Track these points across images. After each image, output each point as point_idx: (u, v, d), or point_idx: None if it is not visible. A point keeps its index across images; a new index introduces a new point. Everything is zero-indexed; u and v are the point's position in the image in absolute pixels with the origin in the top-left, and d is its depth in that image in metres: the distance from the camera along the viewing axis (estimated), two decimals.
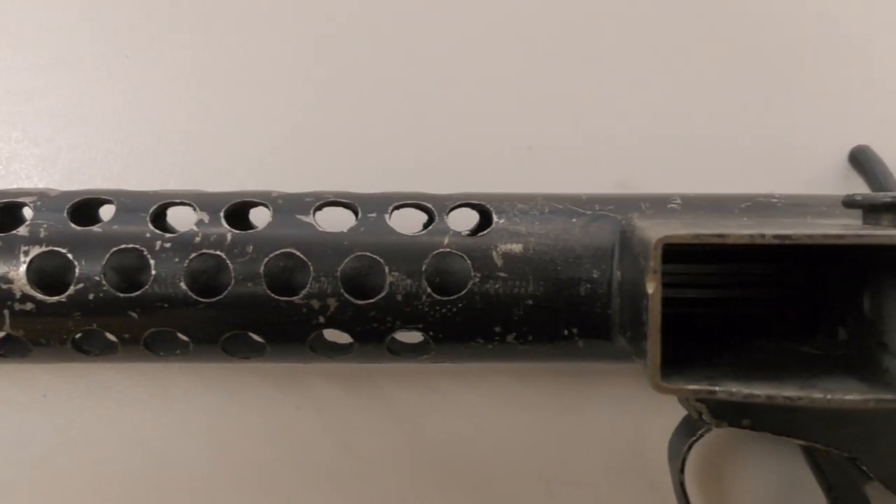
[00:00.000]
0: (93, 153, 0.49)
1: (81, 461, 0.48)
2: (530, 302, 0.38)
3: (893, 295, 0.32)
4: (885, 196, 0.34)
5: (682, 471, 0.43)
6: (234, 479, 0.48)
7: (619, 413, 0.48)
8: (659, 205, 0.41)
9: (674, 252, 0.41)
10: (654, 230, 0.31)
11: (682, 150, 0.50)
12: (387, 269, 0.38)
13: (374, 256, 0.38)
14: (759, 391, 0.29)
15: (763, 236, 0.28)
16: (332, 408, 0.48)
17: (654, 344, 0.29)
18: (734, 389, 0.29)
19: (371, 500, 0.48)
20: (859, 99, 0.50)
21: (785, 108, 0.50)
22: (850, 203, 0.35)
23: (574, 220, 0.40)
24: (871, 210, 0.35)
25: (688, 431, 0.44)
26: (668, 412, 0.45)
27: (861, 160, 0.49)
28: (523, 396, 0.48)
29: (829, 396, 0.28)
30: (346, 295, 0.38)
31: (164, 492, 0.48)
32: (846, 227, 0.31)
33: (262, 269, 0.38)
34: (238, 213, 0.41)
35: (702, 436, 0.43)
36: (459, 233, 0.39)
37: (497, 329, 0.39)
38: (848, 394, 0.29)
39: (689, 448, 0.43)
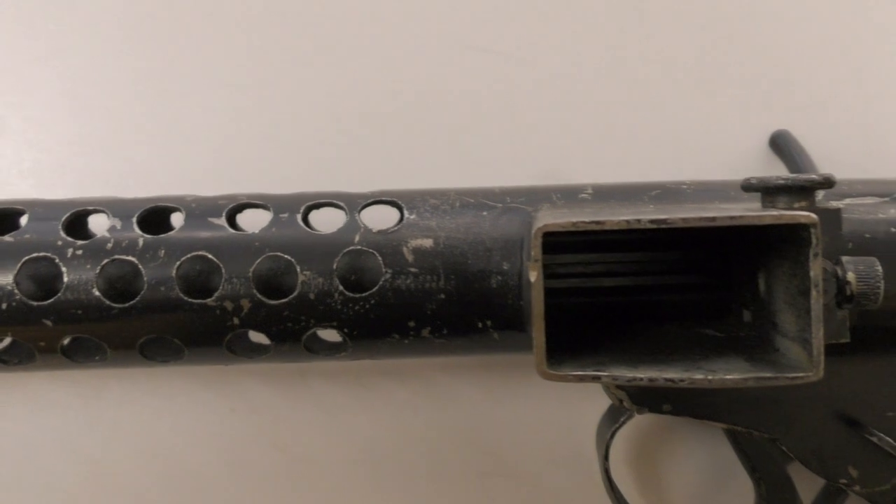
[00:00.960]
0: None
1: (11, 469, 0.48)
2: (442, 296, 0.39)
3: (781, 276, 0.33)
4: (777, 178, 0.35)
5: (606, 458, 0.43)
6: (168, 483, 0.48)
7: (552, 404, 0.49)
8: (570, 195, 0.41)
9: (584, 242, 0.42)
10: (542, 220, 0.31)
11: (607, 140, 0.50)
12: (298, 269, 0.39)
13: (285, 256, 0.39)
14: (642, 374, 0.29)
15: (639, 221, 0.28)
16: (265, 408, 0.49)
17: (538, 332, 0.29)
18: (617, 374, 0.29)
19: (305, 499, 0.48)
20: (780, 85, 0.50)
21: (707, 96, 0.50)
22: (747, 187, 0.36)
23: (485, 213, 0.40)
24: (767, 192, 0.35)
25: (612, 419, 0.44)
26: (599, 401, 0.45)
27: (780, 144, 0.49)
28: (455, 391, 0.49)
29: (709, 377, 0.29)
30: (259, 295, 0.38)
31: (97, 497, 0.48)
32: (737, 209, 0.32)
33: (174, 273, 0.38)
34: (154, 218, 0.41)
35: (624, 423, 0.43)
36: (371, 230, 0.40)
37: (411, 324, 0.39)
38: (729, 374, 0.29)
39: (612, 435, 0.43)
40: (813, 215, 0.28)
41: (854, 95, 0.50)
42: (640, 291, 0.41)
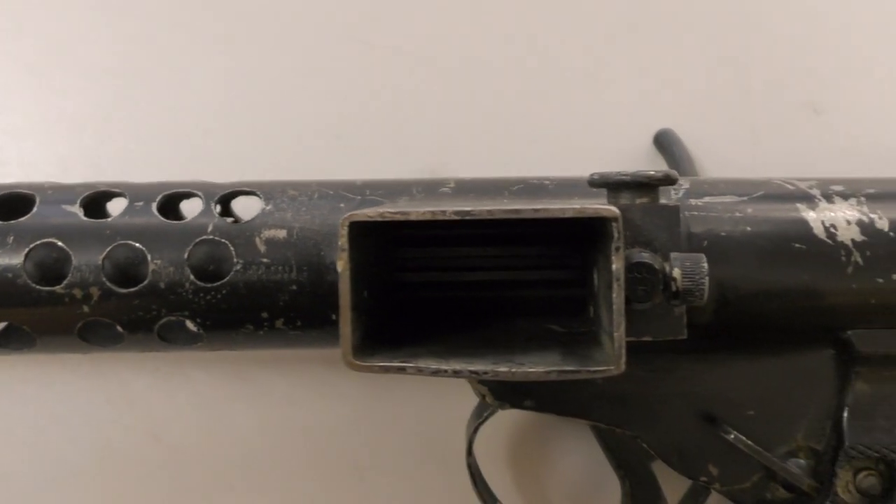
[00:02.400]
0: None
1: None
2: (295, 287, 0.39)
3: (601, 271, 0.33)
4: (618, 175, 0.35)
5: (469, 453, 0.43)
6: (42, 472, 0.48)
7: (430, 399, 0.48)
8: (431, 189, 0.41)
9: (453, 236, 0.42)
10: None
11: (494, 135, 0.50)
12: (149, 258, 0.38)
13: (136, 245, 0.38)
14: (448, 366, 0.29)
15: (444, 212, 0.28)
16: (142, 399, 0.49)
17: (345, 323, 0.29)
18: (423, 365, 0.29)
19: (181, 489, 0.48)
20: (666, 83, 0.50)
21: (593, 93, 0.51)
22: (591, 183, 0.36)
23: (342, 205, 0.40)
24: (611, 188, 0.35)
25: (478, 414, 0.44)
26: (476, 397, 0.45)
27: (664, 143, 0.49)
28: (334, 384, 0.49)
29: (512, 370, 0.29)
30: (109, 284, 0.38)
31: None
32: (553, 203, 0.32)
33: (22, 260, 0.38)
34: (11, 205, 0.40)
35: (487, 418, 0.43)
36: (225, 220, 0.39)
37: (264, 315, 0.39)
38: (535, 367, 0.29)
39: (475, 430, 0.43)
40: (614, 209, 0.28)
41: (739, 95, 0.50)
42: (505, 287, 0.41)
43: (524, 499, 0.48)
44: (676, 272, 0.32)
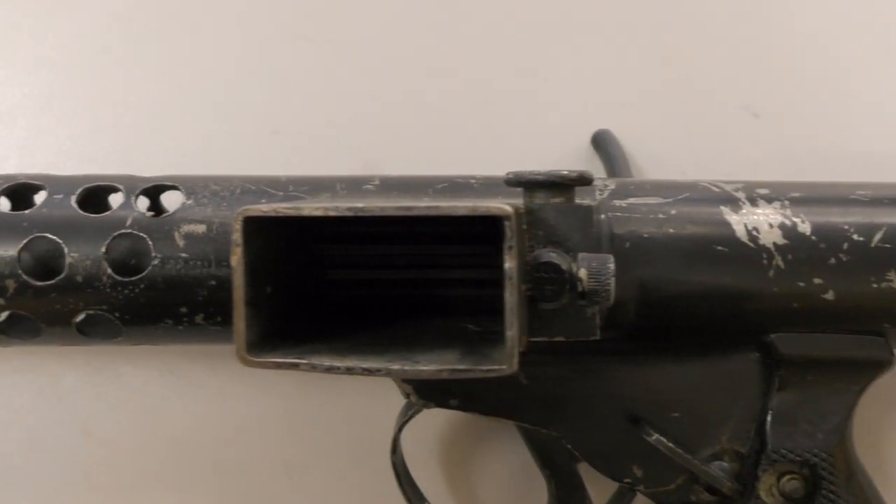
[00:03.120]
0: None
1: None
2: (213, 283, 0.38)
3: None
4: (531, 174, 0.35)
5: (394, 452, 0.43)
6: None
7: (362, 398, 0.48)
8: (354, 186, 0.41)
9: (386, 234, 0.42)
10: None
11: (431, 134, 0.50)
12: (66, 250, 0.38)
13: (52, 237, 0.38)
14: (341, 363, 0.29)
15: (337, 208, 0.28)
16: (72, 393, 0.48)
17: (238, 319, 0.29)
18: (317, 362, 0.29)
19: (112, 485, 0.48)
20: (604, 84, 0.50)
21: (533, 92, 0.50)
22: (508, 182, 0.36)
23: (264, 200, 0.40)
24: (526, 187, 0.35)
25: (404, 413, 0.44)
26: None
27: (601, 143, 0.49)
28: (265, 381, 0.48)
29: (405, 367, 0.29)
30: (25, 276, 0.38)
31: None
32: (452, 201, 0.32)
33: None
34: None
35: (412, 416, 0.43)
36: (144, 214, 0.39)
37: (183, 310, 0.39)
38: (427, 365, 0.29)
39: (400, 429, 0.43)
40: (506, 209, 0.28)
41: (678, 97, 0.50)
42: (428, 285, 0.41)
43: (454, 498, 0.48)
44: (583, 273, 0.32)
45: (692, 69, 0.50)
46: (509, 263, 0.28)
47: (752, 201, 0.40)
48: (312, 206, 0.28)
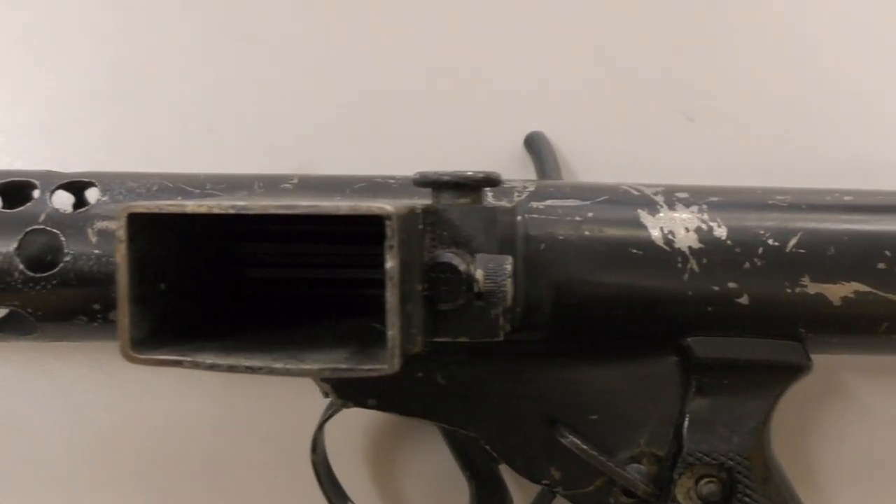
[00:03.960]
0: None
1: None
2: None
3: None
4: (438, 175, 0.35)
5: (313, 450, 0.43)
6: None
7: (290, 396, 0.48)
8: (272, 185, 0.41)
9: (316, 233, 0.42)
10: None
11: (366, 133, 0.50)
12: None
13: None
14: (224, 361, 0.29)
15: (220, 206, 0.28)
16: (0, 390, 0.48)
17: (122, 315, 0.29)
18: (200, 360, 0.29)
19: (39, 482, 0.48)
20: (539, 86, 0.50)
21: (467, 93, 0.50)
22: (416, 182, 0.36)
23: (180, 198, 0.40)
24: (434, 188, 0.35)
25: (325, 412, 0.44)
26: None
27: (533, 145, 0.49)
28: (194, 378, 0.48)
29: (287, 366, 0.29)
30: None
31: None
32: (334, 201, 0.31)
33: None
34: None
35: (331, 415, 0.43)
36: (59, 210, 0.39)
37: (96, 307, 0.39)
38: (310, 364, 0.29)
39: (319, 428, 0.43)
40: (387, 208, 0.28)
41: (612, 100, 0.50)
42: (344, 285, 0.41)
43: (379, 496, 0.48)
44: (479, 273, 0.32)
45: (627, 72, 0.50)
46: (390, 263, 0.28)
47: (671, 205, 0.40)
48: (195, 204, 0.28)
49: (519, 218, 0.39)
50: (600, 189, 0.42)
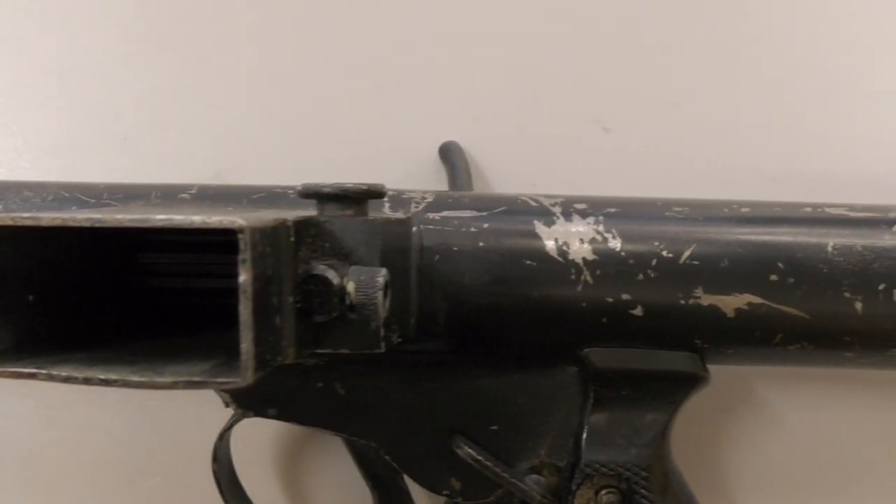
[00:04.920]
0: None
1: None
2: None
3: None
4: (321, 186, 0.35)
5: (214, 460, 0.43)
6: None
7: (201, 405, 0.48)
8: (170, 194, 0.41)
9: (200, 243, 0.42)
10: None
11: (282, 141, 0.50)
12: None
13: None
14: (79, 374, 0.29)
15: (75, 219, 0.28)
16: None
17: None
18: (55, 372, 0.29)
19: None
20: (455, 95, 0.50)
21: (383, 102, 0.51)
22: (299, 193, 0.36)
23: (74, 207, 0.40)
24: (318, 199, 0.36)
25: (229, 422, 0.44)
26: None
27: (446, 154, 0.49)
28: (107, 388, 0.48)
29: (141, 379, 0.29)
30: None
31: None
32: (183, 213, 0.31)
33: None
34: None
35: (232, 425, 0.43)
36: None
37: None
38: (164, 377, 0.29)
39: (220, 438, 0.43)
40: (240, 222, 0.28)
41: (528, 109, 0.50)
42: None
43: None
44: (351, 286, 0.32)
45: (543, 82, 0.50)
46: (243, 277, 0.28)
47: (567, 216, 0.40)
48: (50, 217, 0.28)
49: (414, 229, 0.39)
50: (499, 200, 0.42)
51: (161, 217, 0.28)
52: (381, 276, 0.33)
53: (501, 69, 0.50)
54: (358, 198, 0.35)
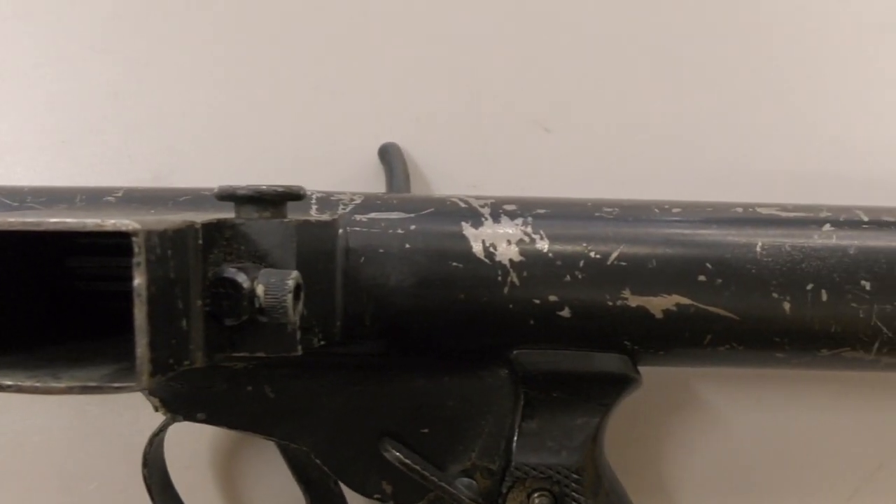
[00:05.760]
0: None
1: None
2: None
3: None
4: (232, 188, 0.35)
5: (144, 465, 0.43)
6: None
7: (139, 409, 0.48)
8: (95, 198, 0.41)
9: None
10: None
11: (222, 144, 0.50)
12: None
13: None
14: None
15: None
16: None
17: None
18: None
19: None
20: (395, 97, 0.50)
21: (324, 104, 0.50)
22: (216, 196, 0.36)
23: None
24: (237, 202, 0.35)
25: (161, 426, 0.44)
26: None
27: (385, 156, 0.49)
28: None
29: (36, 384, 0.29)
30: None
31: None
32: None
33: None
34: None
35: (162, 429, 0.43)
36: None
37: None
38: (59, 382, 0.29)
39: (150, 442, 0.43)
40: (134, 225, 0.28)
41: (469, 111, 0.50)
42: None
43: None
44: (260, 289, 0.32)
45: (484, 83, 0.50)
46: (138, 280, 0.28)
47: (496, 217, 0.40)
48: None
49: (341, 231, 0.39)
50: (428, 202, 0.41)
51: (54, 220, 0.28)
52: (292, 278, 0.32)
53: (442, 70, 0.50)
54: (274, 200, 0.35)
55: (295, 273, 0.33)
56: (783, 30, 0.50)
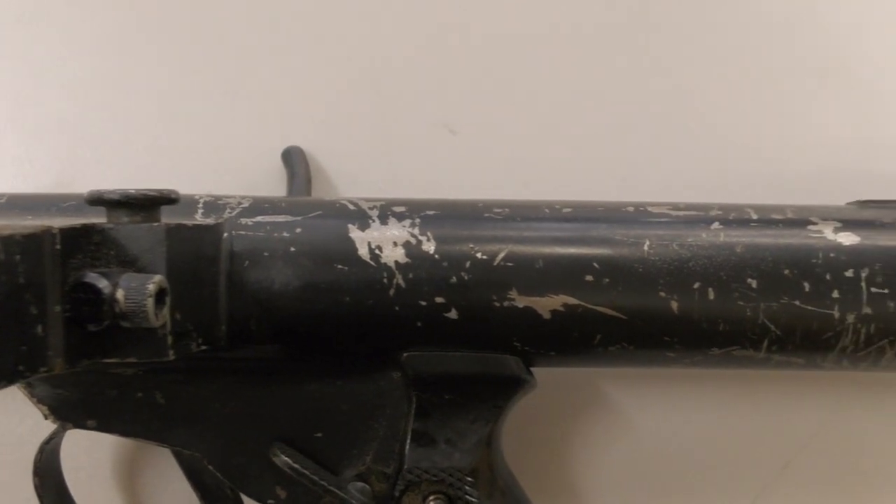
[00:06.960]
0: None
1: None
2: None
3: None
4: (101, 192, 0.34)
5: (34, 473, 0.42)
6: None
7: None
8: None
9: None
10: None
11: (127, 149, 0.50)
12: None
13: None
14: None
15: None
16: None
17: None
18: None
19: None
20: (298, 99, 0.50)
21: (227, 107, 0.50)
22: (86, 200, 0.35)
23: None
24: (109, 206, 0.35)
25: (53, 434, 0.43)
26: None
27: (288, 159, 0.49)
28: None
29: None
30: None
31: None
32: None
33: None
34: None
35: (52, 438, 0.42)
36: None
37: None
38: None
39: (41, 451, 0.42)
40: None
41: (373, 113, 0.50)
42: None
43: None
44: (120, 293, 0.32)
45: (388, 84, 0.50)
46: None
47: (384, 219, 0.40)
48: None
49: (225, 235, 0.39)
50: (316, 205, 0.41)
51: None
52: (153, 282, 0.32)
53: (346, 71, 0.50)
54: (144, 204, 0.34)
55: (158, 277, 0.33)
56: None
